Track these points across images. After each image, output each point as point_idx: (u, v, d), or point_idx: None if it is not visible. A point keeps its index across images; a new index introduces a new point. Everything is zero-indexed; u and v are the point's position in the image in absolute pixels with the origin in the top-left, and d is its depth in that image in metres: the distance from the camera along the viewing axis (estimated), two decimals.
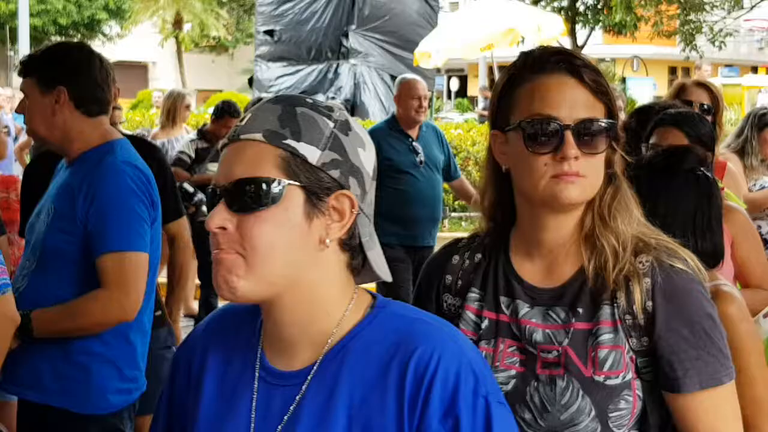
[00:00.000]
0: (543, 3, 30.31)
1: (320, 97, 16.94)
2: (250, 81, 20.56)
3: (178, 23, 36.95)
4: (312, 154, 1.59)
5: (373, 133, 6.90)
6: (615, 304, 1.87)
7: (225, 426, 1.67)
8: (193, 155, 8.28)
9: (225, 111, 8.40)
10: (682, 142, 3.32)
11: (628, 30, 29.90)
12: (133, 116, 17.02)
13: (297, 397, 1.62)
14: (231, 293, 1.58)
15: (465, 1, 34.74)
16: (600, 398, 1.86)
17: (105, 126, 3.31)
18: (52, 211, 3.15)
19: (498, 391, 1.63)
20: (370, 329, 1.64)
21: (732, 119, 17.03)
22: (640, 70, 31.20)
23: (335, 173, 1.61)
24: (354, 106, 17.49)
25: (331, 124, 1.63)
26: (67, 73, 3.27)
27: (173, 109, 9.51)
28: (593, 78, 1.88)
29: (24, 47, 23.35)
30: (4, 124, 10.35)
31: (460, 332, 1.72)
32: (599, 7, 32.20)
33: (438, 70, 22.90)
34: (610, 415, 1.87)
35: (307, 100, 1.66)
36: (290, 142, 1.59)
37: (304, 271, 1.61)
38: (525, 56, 1.95)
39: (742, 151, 6.26)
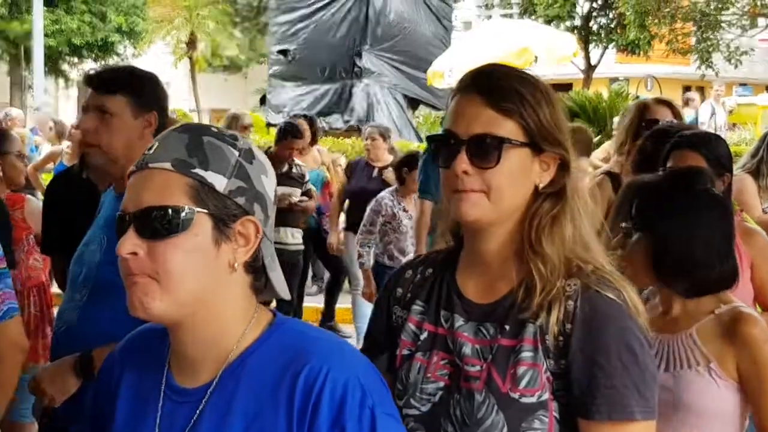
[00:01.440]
0: (556, 22, 30.38)
1: (335, 117, 16.99)
2: (262, 100, 20.57)
3: (192, 43, 37.11)
4: (219, 182, 1.66)
5: None
6: (538, 324, 1.87)
7: None
8: None
9: (288, 132, 8.12)
10: (700, 164, 3.31)
11: (642, 49, 29.92)
12: None
13: (197, 412, 1.69)
14: (146, 314, 1.65)
15: (478, 20, 34.82)
16: (513, 415, 1.85)
17: None
18: (105, 242, 3.03)
19: (387, 404, 1.69)
20: (266, 346, 1.71)
21: (747, 138, 17.00)
22: (654, 89, 31.15)
23: (241, 200, 1.68)
24: None
25: (237, 153, 1.70)
26: (160, 98, 3.21)
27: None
28: (501, 97, 1.89)
29: (39, 67, 23.48)
30: (17, 149, 10.32)
31: (354, 349, 1.77)
32: (612, 26, 32.25)
33: (451, 90, 22.92)
34: None
35: (212, 128, 1.73)
36: (198, 170, 1.65)
37: (212, 293, 1.67)
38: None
39: (757, 172, 6.21)
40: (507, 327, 1.90)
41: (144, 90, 3.19)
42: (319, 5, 18.30)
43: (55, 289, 4.89)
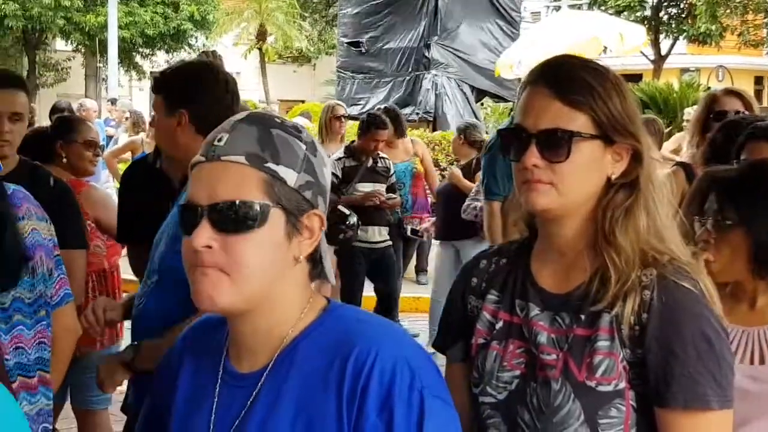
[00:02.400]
0: (626, 13, 30.07)
1: (408, 110, 16.95)
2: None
3: (261, 35, 37.36)
4: (290, 176, 1.67)
5: None
6: (614, 313, 1.86)
7: (190, 424, 1.78)
8: (339, 174, 7.60)
9: (371, 124, 7.87)
10: None
11: (714, 40, 29.48)
12: None
13: (253, 396, 1.71)
14: (212, 305, 1.66)
15: (547, 11, 34.58)
16: (590, 403, 1.86)
17: None
18: (172, 231, 3.07)
19: (437, 386, 1.67)
20: (318, 331, 1.72)
21: None
22: (725, 80, 30.73)
23: (308, 194, 1.69)
24: (435, 118, 17.47)
25: (304, 147, 1.71)
26: (190, 95, 3.28)
27: (322, 122, 8.91)
28: (570, 89, 1.88)
29: (113, 58, 23.85)
30: (84, 137, 10.38)
31: (403, 332, 1.79)
32: (683, 16, 31.83)
33: (519, 81, 22.79)
34: (600, 421, 1.86)
35: (276, 119, 1.73)
36: (271, 165, 1.66)
37: (276, 286, 1.69)
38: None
39: None
40: (582, 317, 1.90)
41: (173, 89, 3.34)
42: None
43: (130, 275, 4.91)
